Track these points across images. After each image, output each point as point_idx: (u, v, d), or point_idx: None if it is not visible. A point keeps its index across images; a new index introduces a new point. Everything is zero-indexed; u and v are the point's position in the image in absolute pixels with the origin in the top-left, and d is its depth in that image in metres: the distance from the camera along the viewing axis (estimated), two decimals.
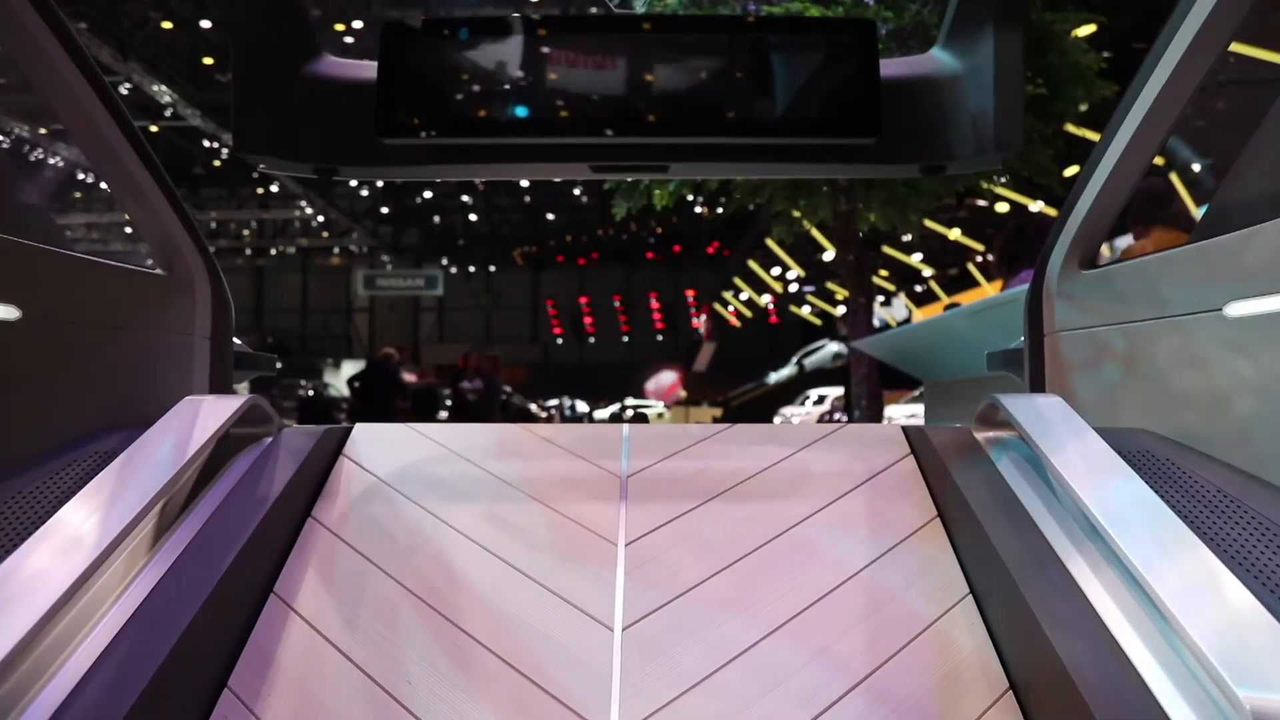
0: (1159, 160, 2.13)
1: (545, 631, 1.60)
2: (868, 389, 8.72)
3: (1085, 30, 8.91)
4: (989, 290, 20.93)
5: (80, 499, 1.45)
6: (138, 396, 2.00)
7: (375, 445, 2.10)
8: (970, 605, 1.64)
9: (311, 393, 20.12)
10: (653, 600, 1.67)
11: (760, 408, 26.50)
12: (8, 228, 1.63)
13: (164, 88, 22.83)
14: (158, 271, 2.16)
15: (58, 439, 1.76)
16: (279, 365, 2.80)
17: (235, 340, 2.39)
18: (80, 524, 1.38)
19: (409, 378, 13.35)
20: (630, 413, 29.37)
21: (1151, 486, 1.51)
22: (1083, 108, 8.74)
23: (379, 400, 10.38)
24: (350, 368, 28.25)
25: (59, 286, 1.79)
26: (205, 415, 1.79)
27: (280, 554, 1.73)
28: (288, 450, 1.90)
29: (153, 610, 1.36)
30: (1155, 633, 1.28)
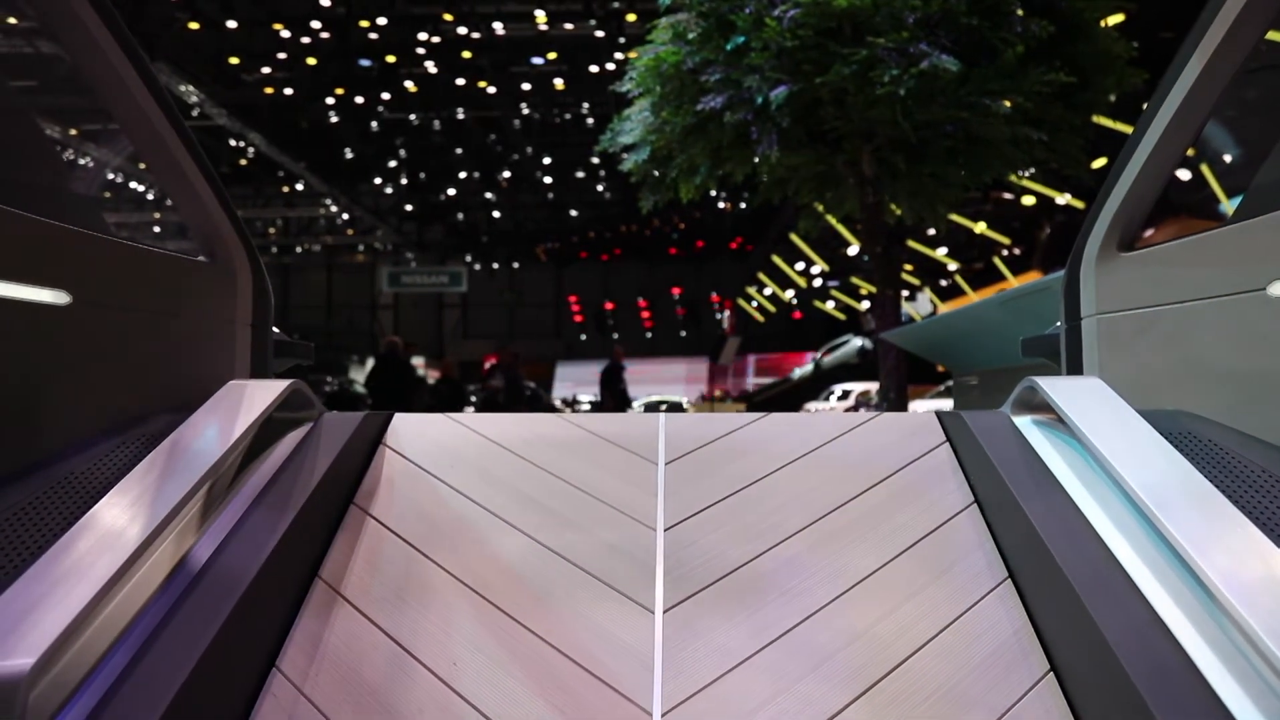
0: None
1: (587, 614, 1.60)
2: (895, 381, 8.66)
3: (1115, 19, 8.79)
4: (1014, 285, 20.73)
5: (130, 480, 1.48)
6: (183, 381, 2.03)
7: (415, 433, 2.11)
8: (1009, 588, 1.63)
9: (336, 388, 20.31)
10: (692, 584, 1.67)
11: (785, 403, 26.40)
12: (59, 215, 1.67)
13: (191, 87, 23.08)
14: (201, 259, 2.19)
15: (106, 421, 1.79)
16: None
17: (273, 329, 2.42)
18: (130, 505, 1.41)
19: (431, 374, 13.36)
20: (665, 406, 29.30)
21: (1195, 467, 1.50)
22: (1111, 97, 8.62)
23: (393, 390, 10.43)
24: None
25: (107, 272, 1.82)
26: (249, 399, 1.81)
27: (323, 535, 1.75)
28: (330, 434, 1.93)
29: (202, 589, 1.38)
30: (1202, 612, 1.27)
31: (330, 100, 27.06)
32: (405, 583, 1.67)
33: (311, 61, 24.82)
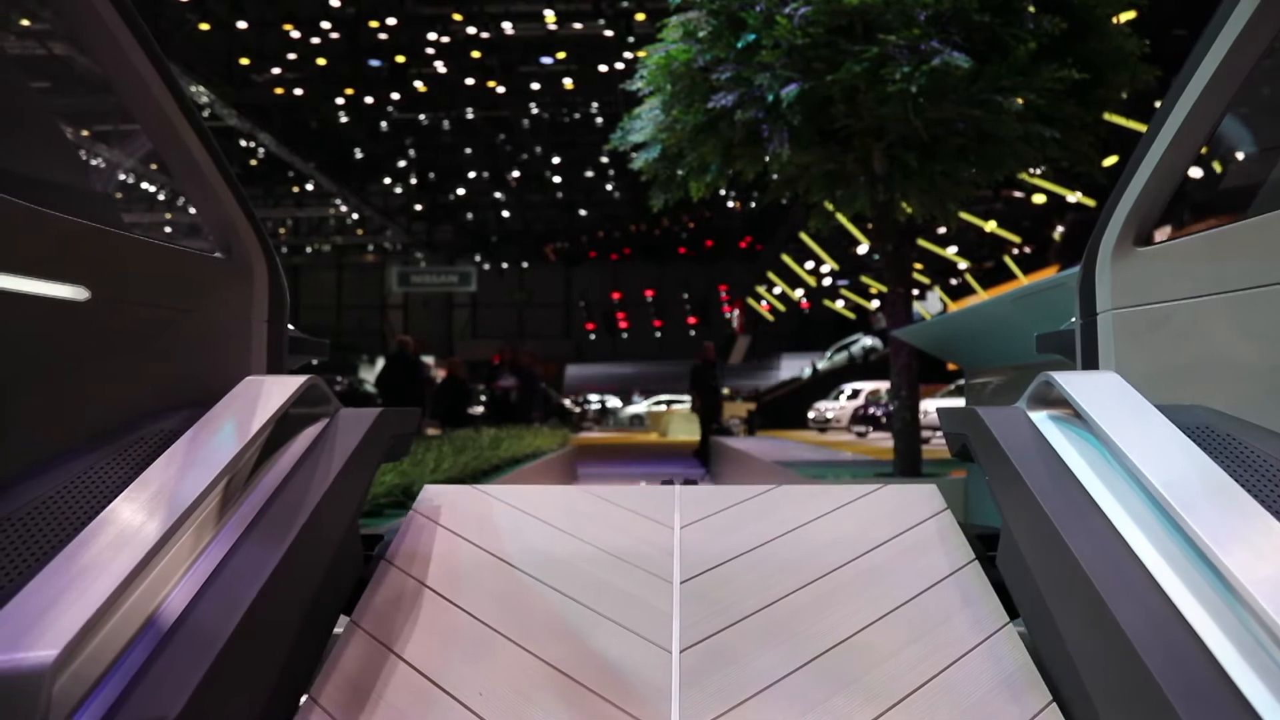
0: None
1: (607, 655, 1.65)
2: (907, 379, 8.61)
3: (1127, 15, 8.73)
4: (1026, 283, 20.66)
5: (148, 476, 1.48)
6: (200, 376, 2.04)
7: (443, 501, 2.16)
8: (1010, 631, 1.65)
9: (345, 387, 20.39)
10: (707, 628, 1.72)
11: (794, 401, 26.37)
12: (77, 211, 1.68)
13: (201, 88, 23.20)
14: (217, 255, 2.20)
15: (124, 417, 1.80)
16: (315, 362, 2.84)
17: (289, 325, 2.42)
18: (149, 500, 1.41)
19: (438, 372, 13.35)
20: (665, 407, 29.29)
21: (1215, 462, 1.49)
22: (1124, 95, 8.56)
23: (404, 390, 10.44)
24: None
25: (125, 268, 1.83)
26: (266, 395, 1.82)
27: (338, 533, 1.76)
28: (345, 430, 1.93)
29: (220, 585, 1.38)
30: (1225, 609, 1.25)
31: (340, 100, 27.18)
32: (432, 623, 1.71)
33: (321, 62, 24.93)
